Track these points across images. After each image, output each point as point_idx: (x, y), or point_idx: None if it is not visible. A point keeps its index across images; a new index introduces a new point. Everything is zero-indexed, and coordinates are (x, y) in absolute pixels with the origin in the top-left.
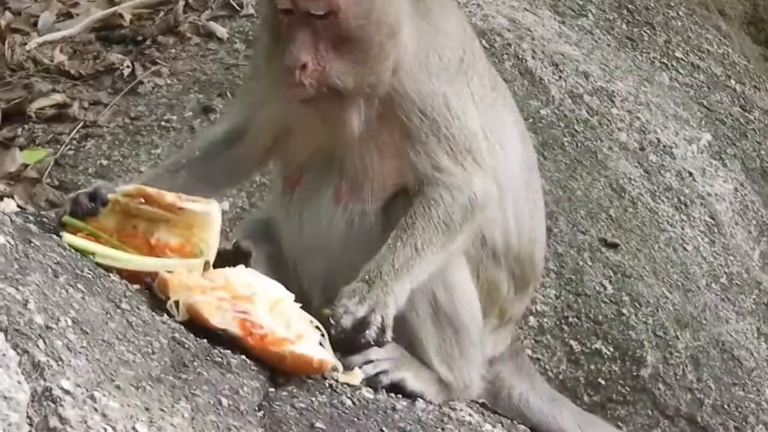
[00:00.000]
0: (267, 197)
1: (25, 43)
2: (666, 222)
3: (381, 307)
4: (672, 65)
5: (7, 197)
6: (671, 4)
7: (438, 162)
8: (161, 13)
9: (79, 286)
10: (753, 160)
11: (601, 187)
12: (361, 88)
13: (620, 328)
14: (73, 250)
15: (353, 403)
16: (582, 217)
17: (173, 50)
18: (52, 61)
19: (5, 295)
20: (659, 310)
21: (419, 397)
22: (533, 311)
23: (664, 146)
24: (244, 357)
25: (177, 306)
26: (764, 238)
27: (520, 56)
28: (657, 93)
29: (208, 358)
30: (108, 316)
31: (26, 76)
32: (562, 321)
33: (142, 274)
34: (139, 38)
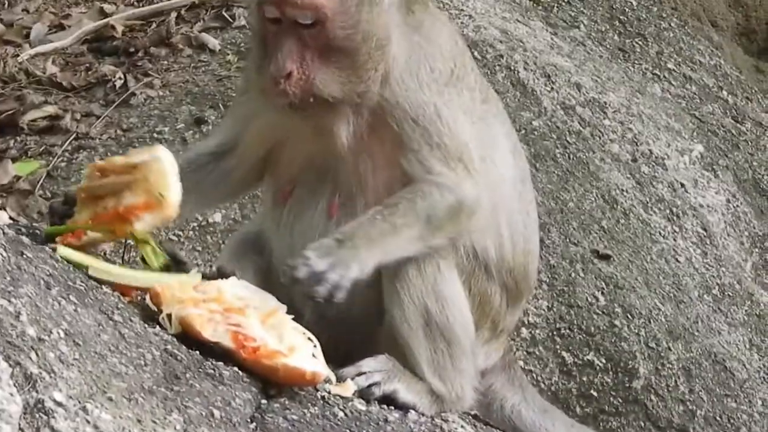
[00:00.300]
0: (259, 209)
1: (18, 55)
2: (658, 233)
3: (342, 266)
4: (664, 76)
5: (0, 209)
6: (663, 16)
7: (431, 167)
8: (153, 25)
9: (71, 298)
10: (745, 172)
11: (593, 199)
12: (348, 98)
13: (612, 340)
14: (65, 262)
15: (345, 414)
16: (574, 229)
17: (165, 62)
18: (44, 73)
19: None
20: (651, 321)
21: (411, 409)
22: (525, 323)
23: (656, 157)
24: (236, 369)
25: (169, 319)
26: (756, 250)
27: (512, 67)
28: (649, 104)
29: (200, 369)
30: (100, 328)
31: (18, 88)
32: (555, 332)
33: (134, 288)
34: (132, 50)
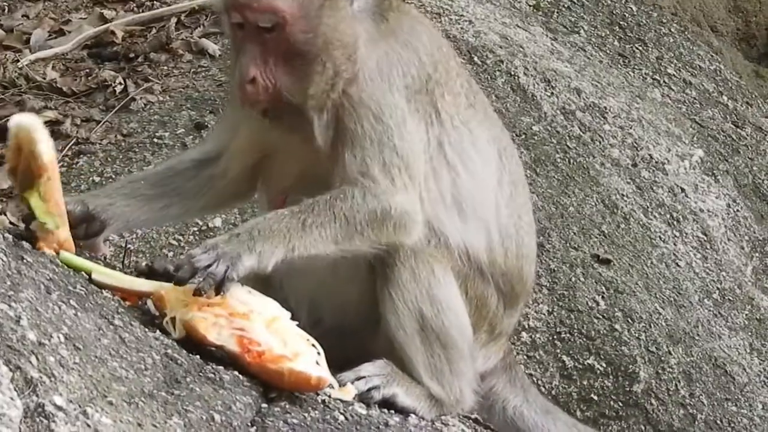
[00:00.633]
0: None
1: (18, 60)
2: (658, 238)
3: (227, 259)
4: (664, 81)
5: (0, 214)
6: (663, 21)
7: (368, 169)
8: (153, 30)
9: (71, 302)
10: (745, 176)
11: (593, 204)
12: (313, 102)
13: (613, 344)
14: (65, 267)
15: (346, 418)
16: (574, 233)
17: (165, 67)
18: (44, 78)
19: None
20: (652, 325)
21: (411, 413)
22: (526, 327)
23: (656, 162)
24: (236, 373)
25: (173, 323)
26: (756, 254)
27: (513, 73)
28: (649, 109)
29: (200, 374)
30: (101, 332)
31: (18, 93)
32: (555, 337)
33: (136, 293)
34: (132, 55)
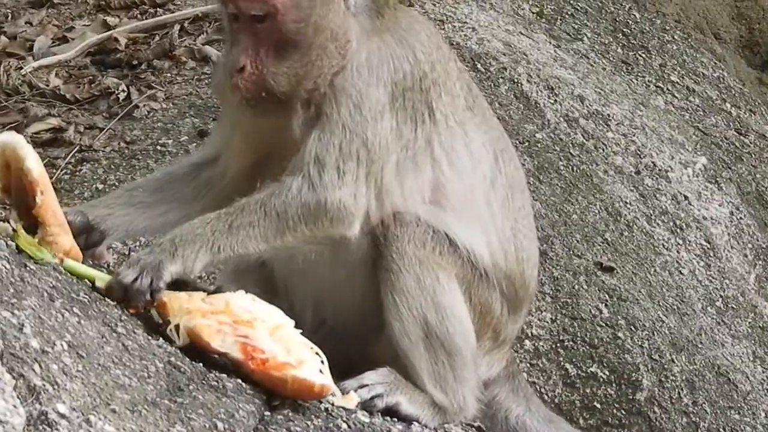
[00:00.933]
0: None
1: (21, 68)
2: (662, 246)
3: (150, 269)
4: (667, 89)
5: (3, 221)
6: (666, 28)
7: (322, 157)
8: (156, 38)
9: (74, 310)
10: (748, 184)
11: (596, 211)
12: (299, 94)
13: (616, 352)
14: (69, 275)
15: (349, 426)
16: (578, 241)
17: (169, 74)
18: (47, 86)
19: (1, 320)
20: (655, 333)
21: (415, 421)
22: (529, 335)
23: (659, 170)
24: (239, 381)
25: (177, 330)
26: (760, 262)
27: (516, 80)
28: (652, 117)
29: (203, 381)
30: (104, 340)
31: (22, 101)
32: (558, 344)
33: None
34: (135, 62)
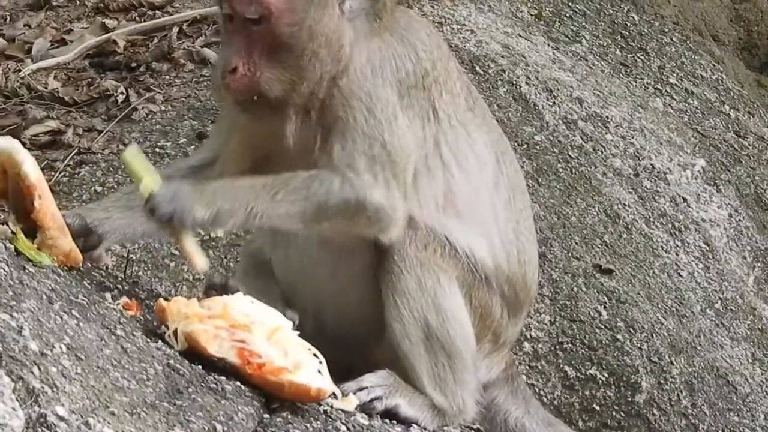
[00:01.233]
0: None
1: (20, 70)
2: (660, 248)
3: (184, 210)
4: (666, 91)
5: (2, 224)
6: (665, 30)
7: (354, 161)
8: (155, 40)
9: (73, 312)
10: (747, 186)
11: (595, 213)
12: (293, 100)
13: (615, 354)
14: (67, 276)
15: (348, 429)
16: (576, 243)
17: (167, 77)
18: (46, 88)
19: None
20: (654, 335)
21: (414, 424)
22: (528, 337)
23: (658, 172)
24: (238, 383)
25: (175, 336)
26: (759, 264)
27: (514, 82)
28: (651, 119)
29: (202, 384)
30: (103, 342)
31: (20, 103)
32: (557, 347)
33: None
34: (133, 65)
